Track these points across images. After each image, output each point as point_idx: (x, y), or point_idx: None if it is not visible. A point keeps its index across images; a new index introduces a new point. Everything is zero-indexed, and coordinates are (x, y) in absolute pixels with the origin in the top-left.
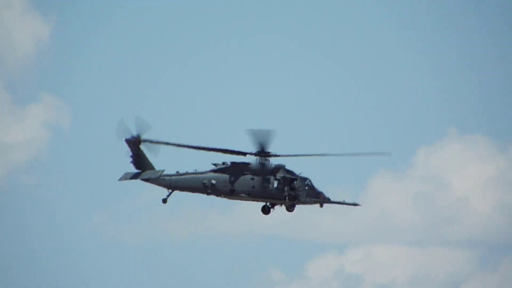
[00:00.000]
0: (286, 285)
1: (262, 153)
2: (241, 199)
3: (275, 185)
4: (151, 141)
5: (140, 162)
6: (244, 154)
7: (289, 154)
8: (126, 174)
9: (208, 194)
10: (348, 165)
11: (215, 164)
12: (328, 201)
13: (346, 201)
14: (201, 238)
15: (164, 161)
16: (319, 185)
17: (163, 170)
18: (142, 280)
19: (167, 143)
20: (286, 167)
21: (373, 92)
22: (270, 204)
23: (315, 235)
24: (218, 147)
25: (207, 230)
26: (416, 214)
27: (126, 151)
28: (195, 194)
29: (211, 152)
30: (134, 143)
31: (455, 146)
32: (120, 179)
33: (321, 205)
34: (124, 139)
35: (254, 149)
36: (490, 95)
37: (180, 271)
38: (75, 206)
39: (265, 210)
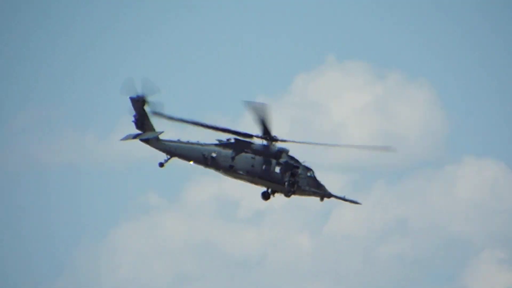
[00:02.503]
0: (163, 210)
1: (268, 136)
2: (239, 178)
3: (276, 168)
4: (160, 113)
5: (142, 123)
6: (251, 136)
7: (294, 140)
8: (129, 135)
9: (206, 166)
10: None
11: (219, 140)
12: (329, 195)
13: (347, 197)
14: (76, 165)
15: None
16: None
17: (162, 132)
18: None
19: (175, 118)
20: (291, 154)
21: (232, 19)
22: (271, 190)
23: None
24: (224, 126)
25: (82, 157)
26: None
27: (130, 109)
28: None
29: (217, 132)
30: (139, 102)
31: (333, 72)
32: (122, 139)
33: (322, 199)
34: (129, 97)
35: (257, 128)
36: (366, 21)
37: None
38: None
39: (266, 196)
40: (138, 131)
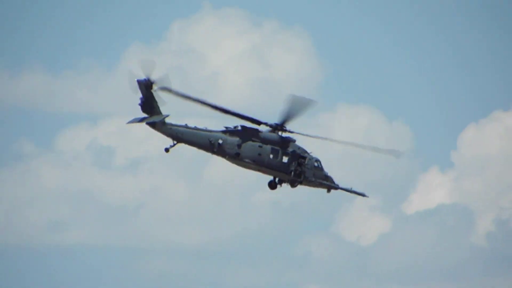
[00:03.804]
0: (36, 157)
1: (278, 126)
2: (246, 166)
3: (283, 158)
4: (168, 89)
5: (149, 106)
6: (259, 123)
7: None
8: (135, 118)
9: (213, 153)
10: None
11: (226, 127)
12: (336, 187)
13: (354, 189)
14: None
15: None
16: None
17: (168, 115)
18: None
19: (184, 95)
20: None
21: None
22: (278, 180)
23: (68, 107)
24: (233, 110)
25: None
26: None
27: (137, 92)
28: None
29: (225, 115)
30: (146, 86)
31: (210, 19)
32: (128, 123)
33: (329, 190)
34: (136, 79)
35: (281, 116)
36: None
37: None
38: None
39: (272, 185)
40: (144, 115)
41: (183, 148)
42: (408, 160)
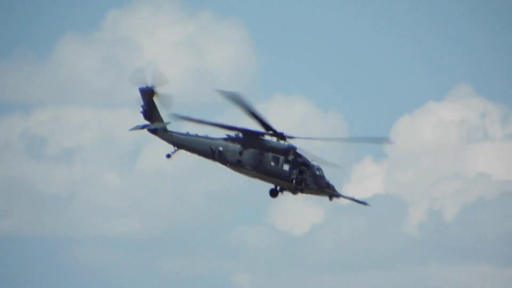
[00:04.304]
0: None
1: (276, 133)
2: (247, 173)
3: (284, 165)
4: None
5: (151, 113)
6: (262, 134)
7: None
8: (137, 125)
9: (214, 160)
10: None
11: (228, 135)
12: (338, 195)
13: (356, 198)
14: None
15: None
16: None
17: (170, 122)
18: None
19: (191, 119)
20: (300, 152)
21: None
22: (279, 188)
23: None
24: (235, 125)
25: None
26: (105, 78)
27: (139, 100)
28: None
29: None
30: (148, 93)
31: (146, 9)
32: (130, 130)
33: (330, 198)
34: (138, 88)
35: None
36: None
37: None
38: None
39: (274, 193)
40: (146, 122)
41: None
42: (342, 151)
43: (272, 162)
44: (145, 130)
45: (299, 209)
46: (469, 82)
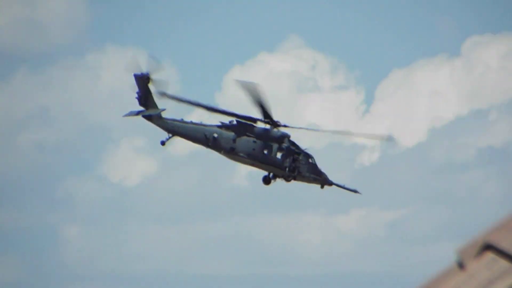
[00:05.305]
0: None
1: (270, 121)
2: (240, 160)
3: (277, 153)
4: (165, 93)
5: (145, 100)
6: (255, 120)
7: (299, 127)
8: (131, 111)
9: (208, 147)
10: None
11: (222, 122)
12: (330, 183)
13: (347, 186)
14: None
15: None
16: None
17: (164, 109)
18: None
19: (179, 99)
20: (293, 139)
21: None
22: (272, 175)
23: None
24: (227, 110)
25: None
26: None
27: (133, 86)
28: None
29: (219, 115)
30: (143, 80)
31: None
32: (124, 115)
33: (322, 186)
34: (133, 74)
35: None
36: None
37: None
38: None
39: (267, 180)
40: (141, 108)
41: None
42: (173, 103)
43: (266, 149)
44: (139, 117)
45: (130, 160)
46: (300, 34)
